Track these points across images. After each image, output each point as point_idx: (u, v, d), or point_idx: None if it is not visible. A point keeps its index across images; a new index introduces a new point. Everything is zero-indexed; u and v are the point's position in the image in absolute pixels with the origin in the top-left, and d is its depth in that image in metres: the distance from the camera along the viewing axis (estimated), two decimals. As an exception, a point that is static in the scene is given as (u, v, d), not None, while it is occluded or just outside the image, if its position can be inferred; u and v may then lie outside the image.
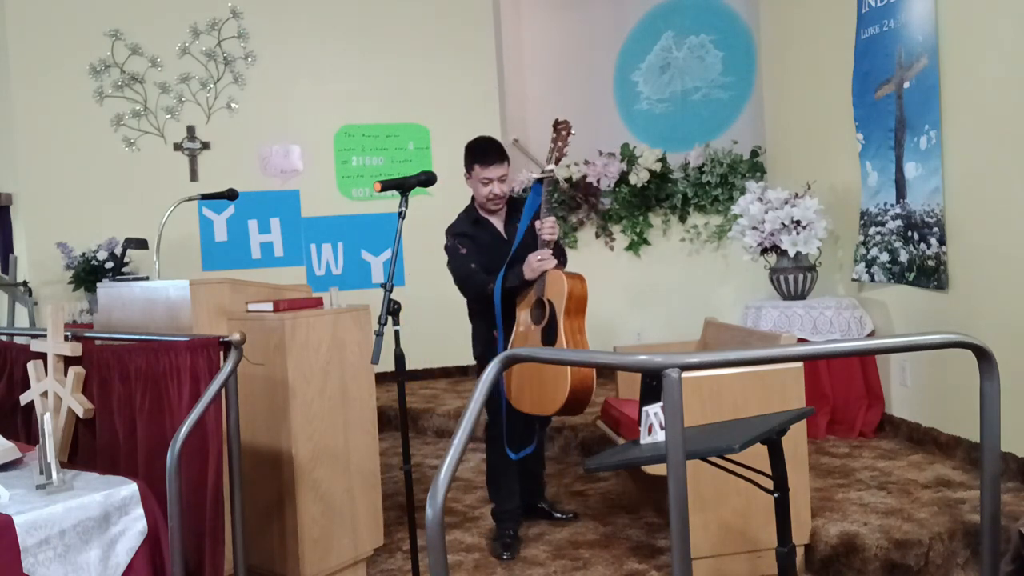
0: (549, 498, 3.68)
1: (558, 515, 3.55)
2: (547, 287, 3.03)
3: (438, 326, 5.97)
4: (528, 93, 6.60)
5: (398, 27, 6.13)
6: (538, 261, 3.04)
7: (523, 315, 3.14)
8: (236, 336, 2.37)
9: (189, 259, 5.77)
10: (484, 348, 3.33)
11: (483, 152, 3.24)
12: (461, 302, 3.38)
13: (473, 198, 3.36)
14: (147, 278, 4.03)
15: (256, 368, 2.76)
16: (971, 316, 3.55)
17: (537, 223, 3.09)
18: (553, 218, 3.09)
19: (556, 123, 3.16)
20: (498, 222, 3.34)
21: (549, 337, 2.98)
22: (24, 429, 3.09)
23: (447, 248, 3.29)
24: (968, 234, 3.58)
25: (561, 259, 3.26)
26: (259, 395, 2.84)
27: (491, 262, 3.21)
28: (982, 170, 3.47)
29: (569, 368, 2.86)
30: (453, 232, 3.30)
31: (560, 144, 3.11)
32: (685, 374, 1.38)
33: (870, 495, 3.30)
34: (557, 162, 3.09)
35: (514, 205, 3.37)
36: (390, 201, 5.59)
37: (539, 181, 3.11)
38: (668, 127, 6.15)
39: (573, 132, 3.13)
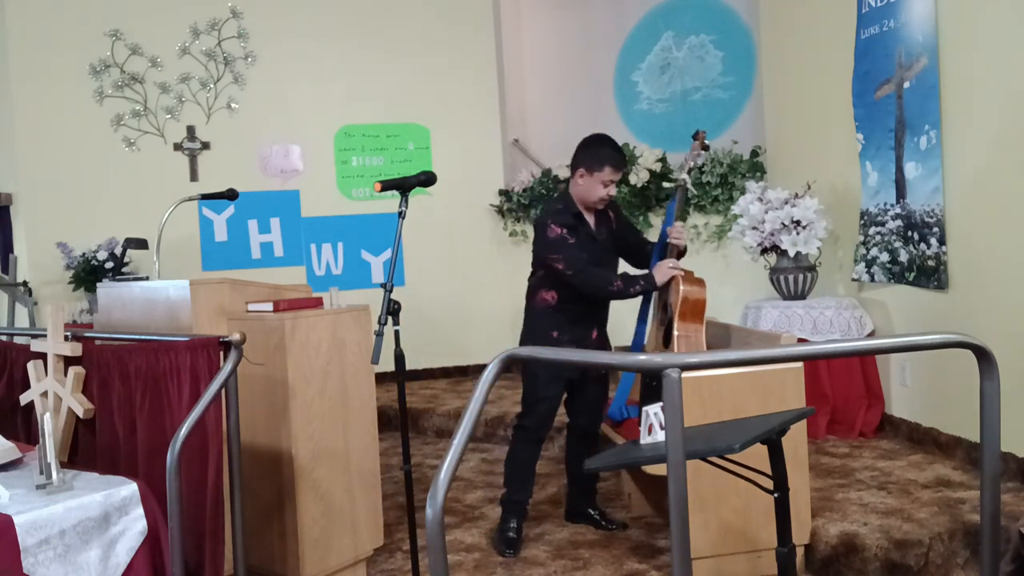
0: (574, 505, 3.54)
1: (609, 525, 3.41)
2: (669, 290, 3.21)
3: (438, 326, 5.98)
4: (528, 93, 6.60)
5: (398, 27, 6.12)
6: (669, 268, 3.20)
7: (657, 314, 3.36)
8: (236, 336, 2.37)
9: (189, 259, 5.76)
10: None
11: (617, 158, 3.24)
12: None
13: (568, 193, 3.32)
14: (147, 278, 4.03)
15: (256, 368, 2.76)
16: (971, 316, 3.55)
17: (668, 228, 3.29)
18: (681, 224, 3.30)
19: (695, 134, 3.50)
20: (592, 220, 3.33)
21: (667, 338, 3.17)
22: (24, 429, 3.09)
23: (552, 236, 3.20)
24: (968, 234, 3.58)
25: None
26: (259, 395, 2.84)
27: (589, 259, 3.25)
28: (982, 170, 3.47)
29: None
30: (559, 223, 3.22)
31: (692, 154, 3.47)
32: (685, 374, 1.38)
33: (870, 495, 3.30)
34: (689, 172, 3.48)
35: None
36: (390, 201, 5.58)
37: (674, 188, 3.48)
38: (668, 127, 6.15)
39: (707, 143, 3.47)
